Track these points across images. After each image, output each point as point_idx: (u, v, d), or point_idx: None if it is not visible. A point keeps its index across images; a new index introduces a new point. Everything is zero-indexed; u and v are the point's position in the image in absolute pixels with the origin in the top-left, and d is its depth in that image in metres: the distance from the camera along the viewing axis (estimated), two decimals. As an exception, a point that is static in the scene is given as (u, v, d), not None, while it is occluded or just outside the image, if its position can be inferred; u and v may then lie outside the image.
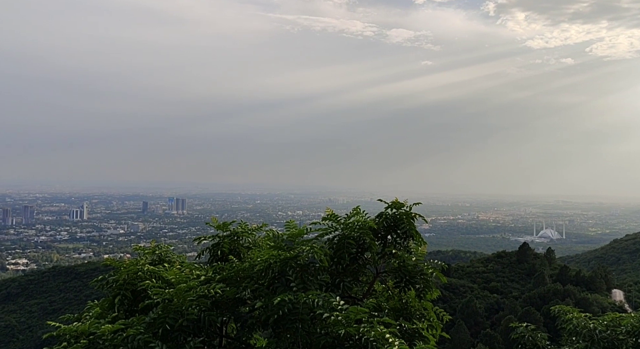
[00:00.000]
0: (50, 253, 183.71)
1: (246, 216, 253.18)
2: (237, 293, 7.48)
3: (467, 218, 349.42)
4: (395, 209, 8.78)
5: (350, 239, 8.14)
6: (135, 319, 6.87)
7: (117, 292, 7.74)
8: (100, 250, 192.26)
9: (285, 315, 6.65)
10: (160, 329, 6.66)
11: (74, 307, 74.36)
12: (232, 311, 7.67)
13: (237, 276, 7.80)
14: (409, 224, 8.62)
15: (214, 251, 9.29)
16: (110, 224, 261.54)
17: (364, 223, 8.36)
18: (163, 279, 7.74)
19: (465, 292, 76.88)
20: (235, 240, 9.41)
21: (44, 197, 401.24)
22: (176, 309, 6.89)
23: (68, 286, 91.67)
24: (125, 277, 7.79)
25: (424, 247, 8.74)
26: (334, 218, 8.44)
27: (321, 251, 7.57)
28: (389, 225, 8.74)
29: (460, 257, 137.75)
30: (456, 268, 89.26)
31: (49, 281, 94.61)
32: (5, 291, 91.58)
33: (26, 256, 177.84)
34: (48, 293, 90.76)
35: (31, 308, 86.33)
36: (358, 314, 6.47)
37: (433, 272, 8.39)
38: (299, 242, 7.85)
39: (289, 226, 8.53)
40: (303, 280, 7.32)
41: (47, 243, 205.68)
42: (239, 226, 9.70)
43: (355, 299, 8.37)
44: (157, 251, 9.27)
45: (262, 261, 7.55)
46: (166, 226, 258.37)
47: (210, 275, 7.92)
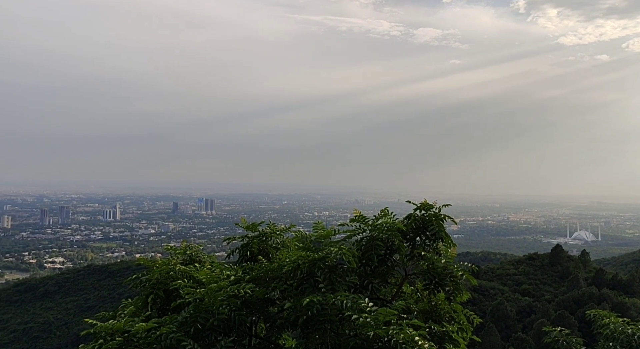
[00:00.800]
0: (85, 252, 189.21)
1: (273, 216, 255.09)
2: (266, 293, 7.55)
3: (497, 219, 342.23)
4: (424, 210, 8.69)
5: (378, 241, 8.10)
6: (168, 318, 7.02)
7: (150, 291, 7.92)
8: (132, 249, 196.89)
9: (314, 316, 6.67)
10: (192, 328, 6.78)
11: (108, 305, 76.35)
12: (262, 311, 7.75)
13: (266, 277, 7.87)
14: (438, 226, 8.51)
15: (243, 252, 9.39)
16: (141, 224, 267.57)
17: (392, 225, 8.30)
18: (194, 279, 7.88)
19: (496, 295, 75.31)
20: (264, 240, 9.49)
21: (79, 198, 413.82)
22: (207, 308, 7.00)
23: (102, 284, 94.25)
24: (157, 277, 7.96)
25: (453, 249, 8.62)
26: (362, 219, 8.42)
27: (349, 253, 7.57)
28: (417, 226, 8.65)
29: (490, 259, 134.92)
30: (486, 270, 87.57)
31: (84, 279, 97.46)
32: (43, 288, 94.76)
33: (62, 254, 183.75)
34: (83, 291, 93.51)
35: (67, 305, 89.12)
36: (387, 316, 6.44)
37: (463, 274, 8.26)
38: (327, 243, 7.87)
39: (316, 227, 8.56)
40: (331, 281, 7.32)
41: (82, 242, 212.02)
42: (268, 227, 9.77)
43: (383, 301, 8.32)
44: (187, 251, 9.42)
45: (290, 262, 7.60)
46: (196, 226, 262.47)
47: (239, 275, 8.02)
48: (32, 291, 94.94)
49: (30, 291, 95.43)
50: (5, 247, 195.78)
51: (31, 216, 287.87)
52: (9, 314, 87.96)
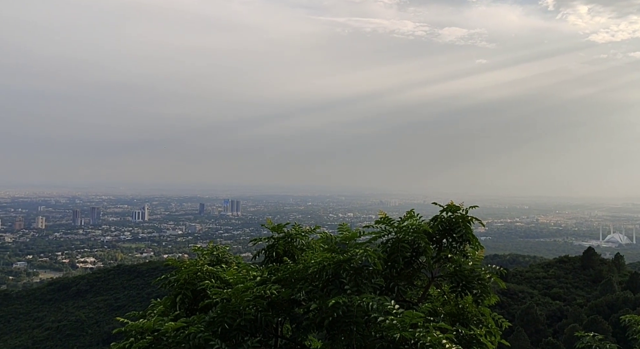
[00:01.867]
0: (115, 252, 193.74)
1: (298, 218, 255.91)
2: (292, 294, 7.59)
3: (526, 221, 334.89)
4: (451, 212, 8.60)
5: (404, 242, 8.05)
6: (196, 318, 7.14)
7: (178, 291, 8.07)
8: (160, 249, 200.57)
9: (340, 318, 6.67)
10: (219, 328, 6.88)
11: (137, 304, 77.99)
12: (288, 312, 7.79)
13: (291, 278, 7.91)
14: (465, 228, 8.41)
15: (269, 253, 9.46)
16: (169, 225, 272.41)
17: (418, 227, 8.23)
18: (221, 279, 7.99)
19: (525, 298, 73.66)
20: (289, 241, 9.54)
21: (109, 199, 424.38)
22: (234, 309, 7.08)
23: (131, 284, 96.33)
24: (185, 277, 8.11)
25: (481, 251, 8.50)
26: (388, 221, 8.38)
27: (375, 255, 7.54)
28: (444, 228, 8.56)
29: (518, 261, 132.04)
30: (514, 272, 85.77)
31: (114, 279, 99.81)
32: (76, 288, 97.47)
33: (93, 255, 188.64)
34: (113, 290, 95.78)
35: (98, 304, 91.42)
36: (413, 318, 6.39)
37: (491, 277, 8.13)
38: (352, 245, 7.86)
39: (342, 229, 8.55)
40: (357, 283, 7.32)
41: (112, 243, 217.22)
42: (293, 228, 9.82)
43: (410, 304, 8.26)
44: (214, 252, 9.54)
45: (315, 263, 7.62)
46: (222, 227, 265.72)
47: (265, 276, 8.09)
48: (65, 290, 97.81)
49: (63, 290, 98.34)
50: (40, 247, 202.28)
51: (64, 217, 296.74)
52: (43, 312, 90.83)
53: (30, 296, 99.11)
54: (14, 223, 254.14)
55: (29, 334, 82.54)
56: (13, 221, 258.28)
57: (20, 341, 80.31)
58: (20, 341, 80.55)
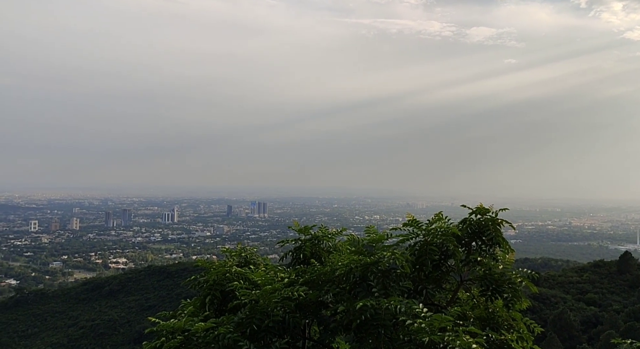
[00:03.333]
0: (146, 253, 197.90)
1: (324, 220, 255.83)
2: (319, 296, 7.61)
3: (558, 224, 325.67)
4: (480, 215, 8.46)
5: (432, 245, 7.96)
6: (225, 319, 7.24)
7: (207, 292, 8.20)
8: (189, 251, 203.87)
9: (368, 320, 6.66)
10: (248, 329, 6.95)
11: (167, 304, 79.47)
12: (315, 314, 7.82)
13: (318, 280, 7.94)
14: (495, 231, 8.25)
15: (296, 255, 9.50)
16: (198, 226, 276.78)
17: (446, 230, 8.13)
18: (249, 280, 8.06)
19: (557, 303, 71.62)
20: (316, 243, 9.56)
21: (140, 201, 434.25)
22: (262, 310, 7.15)
23: (161, 284, 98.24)
24: (215, 278, 8.23)
25: (511, 255, 8.33)
26: (415, 223, 8.31)
27: (403, 258, 7.49)
28: (473, 231, 8.42)
29: (550, 266, 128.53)
30: (546, 277, 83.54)
31: (144, 280, 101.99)
32: (108, 288, 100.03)
33: (125, 255, 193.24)
34: (144, 291, 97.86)
35: (130, 303, 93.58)
36: (442, 322, 6.32)
37: (522, 281, 7.96)
38: (379, 248, 7.83)
39: (369, 231, 8.53)
40: (384, 285, 7.28)
41: (143, 244, 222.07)
42: (320, 230, 9.83)
43: (438, 307, 8.16)
44: (242, 253, 9.64)
45: (343, 265, 7.62)
46: (249, 229, 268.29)
47: (293, 278, 8.14)
48: (98, 290, 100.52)
49: (96, 289, 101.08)
50: (74, 248, 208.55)
51: (97, 218, 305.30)
52: (78, 311, 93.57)
53: (66, 295, 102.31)
54: (50, 224, 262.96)
55: (65, 333, 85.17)
56: (49, 223, 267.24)
57: (57, 339, 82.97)
58: (57, 338, 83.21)
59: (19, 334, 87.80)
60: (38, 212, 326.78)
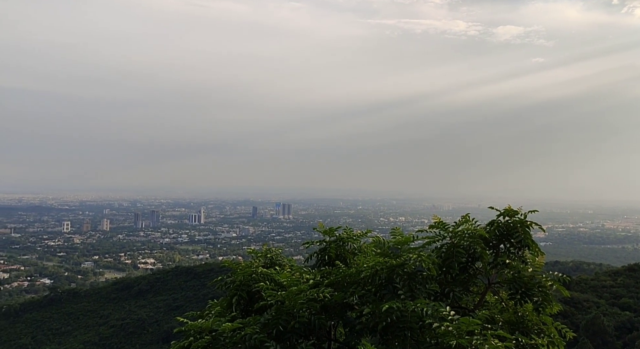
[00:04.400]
0: (173, 254, 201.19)
1: (348, 221, 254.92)
2: (344, 298, 7.61)
3: (590, 226, 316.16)
4: (508, 217, 8.32)
5: (459, 248, 7.87)
6: (252, 319, 7.30)
7: (234, 293, 8.30)
8: (215, 251, 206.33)
9: (394, 323, 6.62)
10: (274, 330, 7.01)
11: (194, 304, 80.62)
12: (340, 315, 7.81)
13: (344, 282, 7.94)
14: (524, 233, 8.10)
15: (321, 256, 9.52)
16: (223, 228, 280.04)
17: (474, 232, 8.03)
18: (275, 281, 8.13)
19: (590, 308, 69.51)
20: (341, 245, 9.56)
21: (168, 202, 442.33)
22: (288, 311, 7.20)
23: (188, 285, 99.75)
24: (241, 279, 8.32)
25: (541, 257, 8.15)
26: (442, 225, 8.22)
27: (429, 260, 7.42)
28: (501, 233, 8.29)
29: (582, 269, 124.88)
30: (578, 280, 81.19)
31: (172, 280, 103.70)
32: (137, 287, 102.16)
33: (153, 256, 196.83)
34: (171, 291, 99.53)
35: (158, 303, 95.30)
36: (470, 325, 6.23)
37: (553, 284, 7.78)
38: (405, 250, 7.78)
39: (394, 233, 8.48)
40: (411, 288, 7.23)
41: (170, 245, 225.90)
42: (344, 232, 9.84)
43: (465, 310, 8.05)
44: (268, 254, 9.72)
45: (368, 267, 7.60)
46: (273, 230, 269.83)
47: (318, 279, 8.16)
48: (127, 290, 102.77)
49: (126, 289, 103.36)
50: (105, 248, 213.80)
51: (126, 219, 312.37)
52: (108, 310, 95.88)
53: (97, 294, 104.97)
54: (82, 225, 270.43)
55: (96, 331, 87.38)
56: (81, 224, 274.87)
57: (89, 337, 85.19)
58: (89, 336, 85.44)
59: (53, 332, 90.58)
60: (70, 213, 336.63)
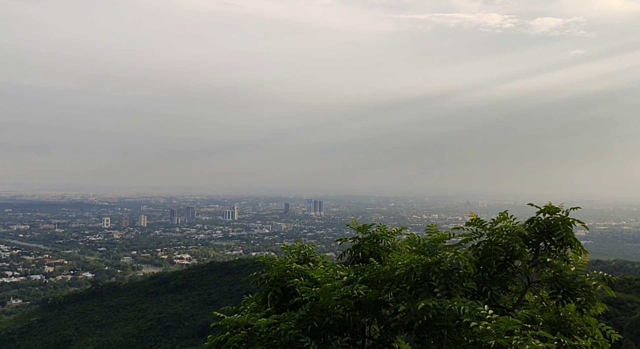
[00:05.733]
0: (208, 249, 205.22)
1: (380, 218, 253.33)
2: (379, 295, 7.56)
3: (635, 224, 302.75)
4: (549, 214, 8.06)
5: (497, 245, 7.69)
6: (286, 315, 7.35)
7: (269, 288, 8.37)
8: (248, 247, 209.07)
9: (430, 321, 6.53)
10: (308, 326, 7.03)
11: (228, 299, 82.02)
12: (375, 312, 7.76)
13: (378, 279, 7.88)
14: (566, 230, 7.83)
15: (355, 253, 9.50)
16: (256, 224, 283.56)
17: (512, 229, 7.83)
18: (309, 278, 8.15)
19: (635, 309, 66.73)
20: (375, 242, 9.50)
21: (202, 199, 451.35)
22: (322, 307, 7.20)
23: (223, 280, 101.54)
24: (276, 274, 8.38)
25: (584, 256, 7.86)
26: (479, 223, 8.04)
27: (466, 258, 7.28)
28: (541, 231, 8.05)
29: (626, 268, 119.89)
30: (621, 280, 77.95)
31: (207, 275, 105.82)
32: (174, 282, 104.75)
33: (189, 252, 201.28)
34: (206, 286, 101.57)
35: (193, 298, 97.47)
36: (509, 325, 6.07)
37: (597, 284, 7.50)
38: (441, 247, 7.66)
39: (430, 230, 8.36)
40: (447, 286, 7.11)
41: (205, 241, 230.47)
42: (378, 229, 9.77)
43: (504, 309, 7.86)
44: (302, 250, 9.76)
45: (403, 265, 7.52)
46: (305, 226, 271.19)
47: (352, 276, 8.13)
48: (164, 285, 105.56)
49: (163, 284, 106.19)
50: (143, 243, 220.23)
51: (163, 215, 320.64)
52: (146, 304, 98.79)
53: (135, 288, 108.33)
54: (121, 221, 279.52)
55: (135, 324, 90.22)
56: (120, 220, 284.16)
57: (128, 330, 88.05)
58: (128, 329, 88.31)
59: (95, 324, 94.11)
60: (110, 210, 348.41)
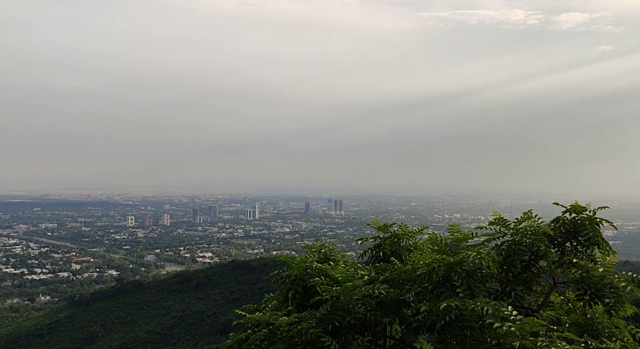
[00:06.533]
0: (229, 248, 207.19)
1: (401, 218, 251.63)
2: (400, 295, 7.50)
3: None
4: (575, 213, 7.86)
5: (521, 245, 7.54)
6: (307, 314, 7.35)
7: (290, 287, 8.38)
8: (269, 246, 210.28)
9: (452, 321, 6.45)
10: (330, 325, 7.01)
11: (249, 298, 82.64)
12: (396, 312, 7.71)
13: (399, 278, 7.81)
14: (593, 230, 7.62)
15: (376, 252, 9.43)
16: (277, 223, 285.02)
17: (537, 229, 7.66)
18: (330, 277, 8.14)
19: (665, 311, 64.67)
20: (396, 241, 9.42)
21: (224, 198, 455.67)
22: (343, 307, 7.18)
23: (244, 278, 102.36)
24: (296, 273, 8.38)
25: (613, 257, 7.65)
26: (503, 222, 7.90)
27: (489, 257, 7.16)
28: (567, 231, 7.85)
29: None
30: (651, 282, 75.74)
31: (228, 274, 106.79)
32: (196, 280, 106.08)
33: (211, 250, 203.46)
34: (228, 284, 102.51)
35: (215, 296, 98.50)
36: (534, 326, 5.94)
37: (626, 286, 7.28)
38: (463, 247, 7.56)
39: (452, 229, 8.26)
40: (469, 286, 7.01)
41: (227, 239, 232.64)
42: (399, 228, 9.69)
43: (528, 310, 7.71)
44: (322, 249, 9.75)
45: (425, 264, 7.44)
46: (326, 226, 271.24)
47: (373, 275, 8.09)
48: (187, 283, 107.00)
49: (185, 282, 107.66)
50: (166, 242, 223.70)
51: (185, 214, 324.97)
52: (169, 302, 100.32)
53: (159, 286, 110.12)
54: (145, 220, 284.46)
55: (159, 321, 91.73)
56: (144, 219, 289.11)
57: (152, 327, 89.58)
58: (152, 326, 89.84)
59: (120, 321, 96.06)
60: (134, 209, 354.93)
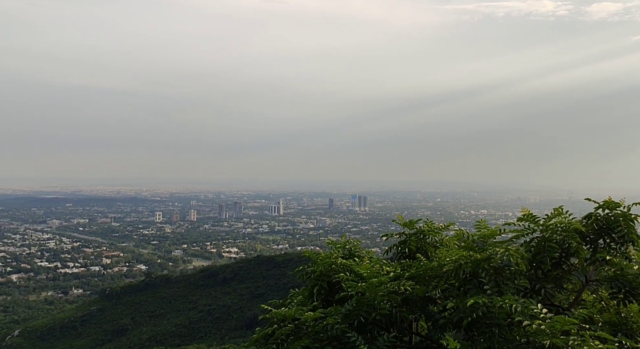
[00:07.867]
0: (255, 243, 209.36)
1: (426, 214, 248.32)
2: (426, 292, 7.43)
3: None
4: (609, 210, 7.62)
5: (552, 242, 7.36)
6: (333, 310, 7.36)
7: (315, 283, 8.40)
8: (294, 242, 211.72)
9: (480, 318, 6.35)
10: (355, 320, 7.00)
11: (274, 293, 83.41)
12: (422, 309, 7.64)
13: (425, 275, 7.74)
14: (628, 227, 7.38)
15: (401, 249, 9.35)
16: (301, 219, 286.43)
17: (568, 225, 7.46)
18: (355, 273, 8.12)
19: None
20: (422, 238, 9.33)
21: (249, 194, 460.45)
22: (369, 303, 7.16)
23: (269, 273, 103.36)
24: (322, 269, 8.39)
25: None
26: (532, 218, 7.73)
27: (517, 254, 7.02)
28: (600, 227, 7.62)
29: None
30: (689, 280, 73.07)
31: (254, 269, 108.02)
32: (222, 275, 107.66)
33: (236, 245, 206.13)
34: (254, 279, 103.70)
35: (241, 291, 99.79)
36: (565, 324, 5.80)
37: (662, 284, 7.04)
38: (491, 243, 7.43)
39: (479, 226, 8.12)
40: (497, 283, 6.89)
41: (252, 235, 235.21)
42: (425, 225, 9.60)
43: (559, 309, 7.53)
44: (347, 245, 9.73)
45: (451, 261, 7.35)
46: (350, 222, 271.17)
47: (399, 272, 8.04)
48: (213, 277, 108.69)
49: (212, 277, 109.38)
50: (192, 237, 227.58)
51: (211, 210, 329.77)
52: (196, 296, 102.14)
53: (186, 281, 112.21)
54: (172, 215, 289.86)
55: (186, 315, 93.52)
56: (171, 214, 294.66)
57: (180, 320, 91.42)
58: (180, 320, 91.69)
59: (149, 314, 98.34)
60: (162, 204, 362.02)
